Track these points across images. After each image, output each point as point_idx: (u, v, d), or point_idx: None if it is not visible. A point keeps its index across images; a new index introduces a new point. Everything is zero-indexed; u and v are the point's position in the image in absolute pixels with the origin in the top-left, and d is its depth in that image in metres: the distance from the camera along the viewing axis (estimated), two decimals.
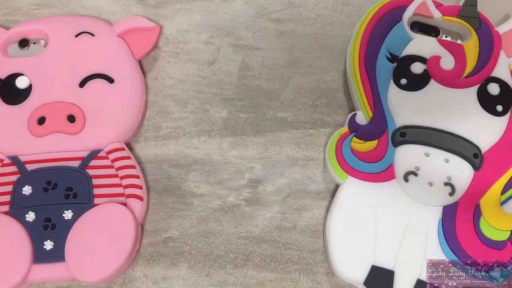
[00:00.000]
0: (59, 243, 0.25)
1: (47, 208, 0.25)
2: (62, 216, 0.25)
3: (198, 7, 0.31)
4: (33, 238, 0.25)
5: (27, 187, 0.25)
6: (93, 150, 0.27)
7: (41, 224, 0.25)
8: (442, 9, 0.28)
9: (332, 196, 0.29)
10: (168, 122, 0.30)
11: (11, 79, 0.27)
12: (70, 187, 0.26)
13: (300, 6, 0.31)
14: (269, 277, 0.28)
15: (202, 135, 0.29)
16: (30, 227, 0.25)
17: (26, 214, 0.25)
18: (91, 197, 0.26)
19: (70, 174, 0.26)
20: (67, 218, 0.25)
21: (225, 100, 0.30)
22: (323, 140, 0.30)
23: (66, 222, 0.25)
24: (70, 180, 0.26)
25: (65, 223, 0.25)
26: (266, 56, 0.30)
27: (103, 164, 0.27)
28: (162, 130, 0.30)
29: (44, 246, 0.24)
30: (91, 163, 0.26)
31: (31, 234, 0.25)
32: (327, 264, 0.28)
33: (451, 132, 0.27)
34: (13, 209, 0.25)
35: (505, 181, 0.27)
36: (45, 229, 0.25)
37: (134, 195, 0.26)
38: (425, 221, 0.27)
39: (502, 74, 0.28)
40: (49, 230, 0.25)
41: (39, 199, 0.25)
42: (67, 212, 0.25)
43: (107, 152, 0.27)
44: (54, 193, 0.26)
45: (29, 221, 0.25)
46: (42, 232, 0.25)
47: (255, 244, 0.28)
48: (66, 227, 0.25)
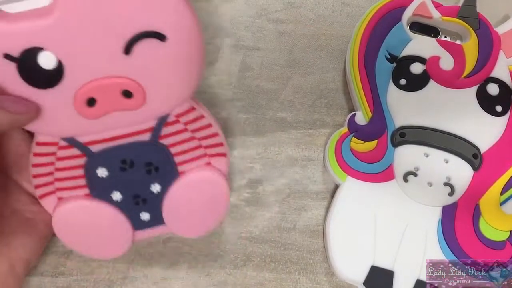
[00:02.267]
0: (155, 213, 0.24)
1: (132, 186, 0.24)
2: (150, 190, 0.24)
3: (198, 7, 0.31)
4: (128, 213, 0.24)
5: (102, 170, 0.23)
6: (160, 117, 0.23)
7: (131, 201, 0.24)
8: (441, 10, 0.28)
9: (331, 196, 0.29)
10: None
11: (30, 56, 0.19)
12: (149, 162, 0.23)
13: (300, 7, 0.31)
14: (269, 277, 0.28)
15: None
16: (120, 205, 0.24)
17: (111, 195, 0.23)
18: (174, 167, 0.24)
19: (144, 149, 0.23)
20: (156, 191, 0.24)
21: (224, 101, 0.30)
22: (322, 140, 0.30)
23: (156, 195, 0.24)
24: (146, 155, 0.23)
25: (156, 196, 0.24)
26: (265, 57, 0.30)
27: (177, 130, 0.23)
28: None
29: (141, 218, 0.24)
30: (163, 131, 0.23)
31: (124, 210, 0.24)
32: (327, 264, 0.28)
33: (450, 132, 0.27)
34: (94, 192, 0.23)
35: (504, 182, 0.27)
36: (137, 204, 0.24)
37: (217, 153, 0.25)
38: (425, 221, 0.27)
39: (502, 75, 0.28)
40: (141, 205, 0.24)
41: (120, 179, 0.23)
42: (154, 186, 0.24)
43: (176, 116, 0.23)
44: (134, 171, 0.23)
45: (117, 201, 0.24)
46: (135, 207, 0.24)
47: (255, 244, 0.28)
48: (157, 200, 0.24)
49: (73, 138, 0.22)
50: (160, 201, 0.24)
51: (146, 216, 0.24)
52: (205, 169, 0.24)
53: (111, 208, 0.24)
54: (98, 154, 0.23)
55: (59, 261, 0.27)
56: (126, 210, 0.24)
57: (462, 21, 0.28)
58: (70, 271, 0.27)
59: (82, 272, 0.27)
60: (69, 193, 0.23)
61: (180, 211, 0.25)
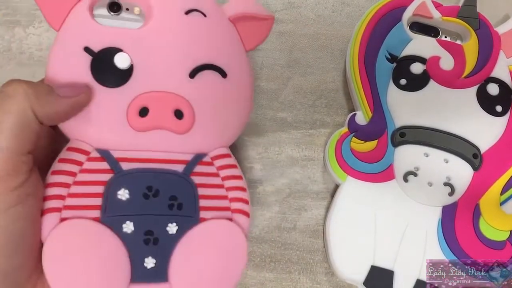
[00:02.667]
0: (162, 261, 0.21)
1: (148, 218, 0.21)
2: (166, 229, 0.21)
3: None
4: (132, 254, 0.20)
5: (124, 191, 0.21)
6: (198, 153, 0.23)
7: (141, 237, 0.21)
8: (441, 10, 0.28)
9: (331, 196, 0.29)
10: None
11: (108, 54, 0.21)
12: (175, 195, 0.22)
13: (300, 7, 0.31)
14: (269, 277, 0.28)
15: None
16: (128, 240, 0.20)
17: (123, 224, 0.20)
18: (197, 210, 0.22)
19: (175, 181, 0.22)
20: (171, 233, 0.21)
21: None
22: (322, 140, 0.30)
23: (170, 237, 0.21)
24: (174, 188, 0.22)
25: (169, 239, 0.21)
26: (266, 57, 0.30)
27: (209, 172, 0.23)
28: None
29: (144, 264, 0.21)
30: (196, 169, 0.22)
31: (130, 248, 0.20)
32: (327, 264, 0.28)
33: (450, 132, 0.27)
34: (106, 216, 0.20)
35: (504, 181, 0.27)
36: (146, 243, 0.21)
37: (241, 210, 0.23)
38: (425, 221, 0.27)
39: (502, 75, 0.28)
40: (151, 246, 0.21)
41: (139, 207, 0.21)
42: (171, 226, 0.21)
43: (212, 158, 0.23)
44: (156, 202, 0.21)
45: (126, 233, 0.20)
46: (143, 247, 0.21)
47: (255, 244, 0.28)
48: (170, 243, 0.21)
49: (108, 151, 0.21)
50: (172, 247, 0.21)
51: (151, 263, 0.21)
52: (229, 223, 0.22)
53: (118, 240, 0.20)
54: (126, 174, 0.21)
55: None
56: (133, 247, 0.20)
57: (462, 21, 0.28)
58: None
59: None
60: (77, 213, 0.20)
61: (190, 264, 0.21)
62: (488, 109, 0.27)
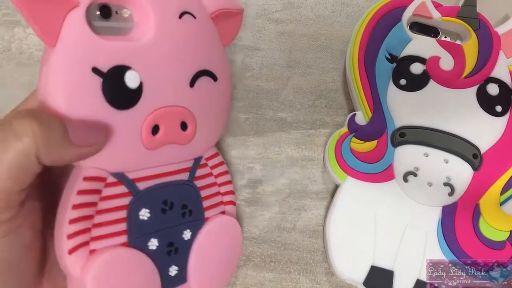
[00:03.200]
0: (183, 266, 0.22)
1: (168, 231, 0.22)
2: (182, 237, 0.22)
3: None
4: (159, 266, 0.21)
5: (144, 211, 0.21)
6: (196, 158, 0.24)
7: (165, 250, 0.22)
8: (441, 10, 0.28)
9: (331, 196, 0.29)
10: None
11: (117, 74, 0.19)
12: (185, 204, 0.23)
13: (300, 7, 0.31)
14: (269, 277, 0.28)
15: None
16: (154, 255, 0.21)
17: (148, 242, 0.21)
18: (202, 212, 0.23)
19: (184, 189, 0.23)
20: (187, 239, 0.23)
21: None
22: (322, 140, 0.30)
23: (186, 243, 0.23)
24: (184, 196, 0.23)
25: (185, 244, 0.23)
26: (265, 57, 0.30)
27: (206, 173, 0.24)
28: None
29: (169, 272, 0.22)
30: (197, 173, 0.24)
31: (157, 262, 0.21)
32: (327, 264, 0.28)
33: (450, 133, 0.27)
34: (133, 238, 0.21)
35: (504, 182, 0.27)
36: (169, 254, 0.22)
37: (230, 201, 0.25)
38: (425, 221, 0.27)
39: (502, 75, 0.28)
40: (173, 255, 0.22)
41: (159, 222, 0.22)
42: (186, 232, 0.23)
43: (206, 159, 0.24)
44: (172, 214, 0.22)
45: (152, 249, 0.21)
46: (167, 258, 0.22)
47: (255, 244, 0.28)
48: (186, 249, 0.23)
49: (123, 173, 0.21)
50: (188, 251, 0.23)
51: (174, 271, 0.22)
52: (227, 217, 0.25)
53: (147, 258, 0.21)
54: (144, 193, 0.21)
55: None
56: (159, 261, 0.21)
57: (462, 21, 0.28)
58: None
59: None
60: (105, 243, 0.20)
61: (204, 261, 0.23)
62: (488, 109, 0.27)
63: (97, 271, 0.19)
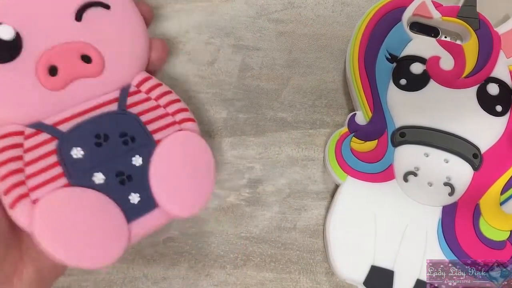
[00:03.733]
0: (145, 191, 0.22)
1: (112, 162, 0.21)
2: (132, 164, 0.22)
3: (198, 7, 0.31)
4: (115, 198, 0.21)
5: (76, 150, 0.21)
6: (122, 87, 0.23)
7: (115, 180, 0.21)
8: (441, 10, 0.28)
9: (331, 196, 0.29)
10: None
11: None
12: (123, 132, 0.22)
13: (300, 7, 0.31)
14: (269, 277, 0.28)
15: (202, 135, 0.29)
16: (105, 188, 0.21)
17: (92, 178, 0.21)
18: (150, 135, 0.23)
19: (115, 119, 0.22)
20: (139, 164, 0.22)
21: (224, 101, 0.30)
22: (322, 140, 0.30)
23: (140, 169, 0.22)
24: (118, 125, 0.22)
25: (140, 170, 0.22)
26: (265, 57, 0.30)
27: (141, 99, 0.23)
28: None
29: (131, 201, 0.21)
30: (128, 101, 0.23)
31: (111, 194, 0.21)
32: (327, 264, 0.28)
33: (450, 132, 0.27)
34: (74, 178, 0.21)
35: (504, 181, 0.27)
36: (122, 183, 0.21)
37: (185, 119, 0.24)
38: (425, 221, 0.27)
39: (502, 75, 0.28)
40: (128, 183, 0.21)
41: (97, 157, 0.21)
42: (135, 158, 0.22)
43: (136, 86, 0.24)
44: (110, 145, 0.22)
45: (100, 183, 0.21)
46: (121, 188, 0.21)
47: (255, 244, 0.28)
48: (142, 173, 0.22)
49: (40, 122, 0.21)
50: (146, 175, 0.22)
51: (136, 198, 0.21)
52: (179, 132, 0.23)
53: (97, 193, 0.21)
54: (69, 133, 0.21)
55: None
56: (113, 193, 0.21)
57: (462, 21, 0.28)
58: (70, 271, 0.27)
59: (82, 272, 0.27)
60: (45, 189, 0.20)
61: (168, 181, 0.22)
62: (488, 109, 0.27)
63: (42, 216, 0.19)
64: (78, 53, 0.22)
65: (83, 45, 0.22)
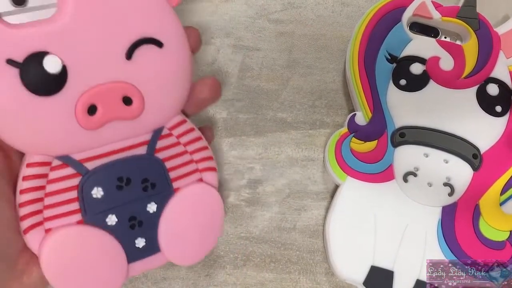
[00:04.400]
0: (151, 237, 0.23)
1: (128, 206, 0.22)
2: (146, 210, 0.22)
3: (198, 7, 0.31)
4: (122, 241, 0.22)
5: (96, 189, 0.21)
6: (155, 130, 0.23)
7: (126, 224, 0.22)
8: (441, 10, 0.28)
9: (331, 196, 0.29)
10: None
11: (35, 60, 0.19)
12: (146, 178, 0.22)
13: (300, 7, 0.31)
14: (269, 277, 0.28)
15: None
16: (115, 230, 0.22)
17: (106, 219, 0.21)
18: (170, 183, 0.23)
19: (142, 164, 0.22)
20: (152, 212, 0.23)
21: (224, 101, 0.30)
22: (322, 140, 0.30)
23: (152, 216, 0.23)
24: (143, 171, 0.22)
25: (152, 217, 0.23)
26: (265, 57, 0.30)
27: (170, 143, 0.23)
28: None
29: (136, 245, 0.22)
30: (158, 145, 0.23)
31: (119, 237, 0.22)
32: (327, 264, 0.28)
33: (450, 133, 0.27)
34: (88, 216, 0.21)
35: (504, 182, 0.27)
36: (132, 228, 0.22)
37: (208, 168, 0.24)
38: (425, 221, 0.27)
39: (501, 75, 0.28)
40: (137, 228, 0.22)
41: (115, 199, 0.22)
42: (150, 205, 0.22)
43: (169, 129, 0.23)
44: (130, 189, 0.22)
45: (112, 225, 0.22)
46: (130, 232, 0.22)
47: (255, 244, 0.28)
48: (154, 221, 0.23)
49: (68, 156, 0.21)
50: (156, 222, 0.23)
51: (142, 243, 0.22)
52: (198, 183, 0.24)
53: (106, 234, 0.21)
54: (93, 172, 0.21)
55: None
56: (121, 236, 0.22)
57: (462, 22, 0.28)
58: None
59: None
60: (59, 222, 0.21)
61: (176, 231, 0.23)
62: (488, 110, 0.27)
63: (50, 248, 0.20)
64: (120, 95, 0.20)
65: (127, 86, 0.20)
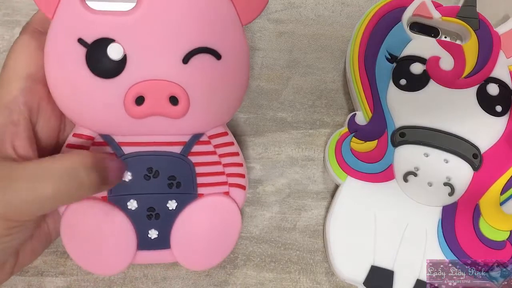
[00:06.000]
0: (164, 232, 0.24)
1: (150, 197, 0.23)
2: (166, 206, 0.24)
3: None
4: (136, 227, 0.23)
5: (126, 173, 0.23)
6: (195, 134, 0.24)
7: (144, 213, 0.23)
8: (441, 10, 0.28)
9: (331, 196, 0.29)
10: None
11: (101, 45, 0.21)
12: (173, 175, 0.24)
13: (300, 7, 0.31)
14: (269, 277, 0.28)
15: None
16: (133, 215, 0.23)
17: (127, 202, 0.23)
18: (195, 187, 0.24)
19: (173, 161, 0.24)
20: (171, 209, 0.24)
21: None
22: (322, 140, 0.30)
23: (170, 212, 0.24)
24: (172, 168, 0.24)
25: (170, 213, 0.24)
26: (265, 57, 0.30)
27: (206, 150, 0.24)
28: None
29: (148, 235, 0.24)
30: (194, 149, 0.24)
31: (134, 222, 0.23)
32: (327, 264, 0.28)
33: (450, 133, 0.27)
34: (112, 195, 0.23)
35: (504, 181, 0.27)
36: (149, 218, 0.23)
37: (237, 184, 0.25)
38: (425, 221, 0.27)
39: (502, 75, 0.28)
40: (153, 220, 0.24)
41: (140, 187, 0.23)
42: (171, 202, 0.24)
43: (209, 137, 0.24)
44: (156, 182, 0.23)
45: (131, 209, 0.23)
46: (146, 221, 0.23)
47: (255, 244, 0.28)
48: (170, 217, 0.24)
49: (110, 136, 0.23)
50: (173, 220, 0.24)
51: (154, 234, 0.24)
52: (224, 196, 0.24)
53: (124, 215, 0.23)
54: (128, 157, 0.23)
55: (59, 261, 0.27)
56: (137, 222, 0.23)
57: (462, 21, 0.28)
58: (70, 271, 0.27)
59: (82, 272, 0.27)
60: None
61: (189, 234, 0.24)
62: (488, 109, 0.27)
63: (72, 212, 0.22)
64: (168, 93, 0.22)
65: (177, 87, 0.22)
